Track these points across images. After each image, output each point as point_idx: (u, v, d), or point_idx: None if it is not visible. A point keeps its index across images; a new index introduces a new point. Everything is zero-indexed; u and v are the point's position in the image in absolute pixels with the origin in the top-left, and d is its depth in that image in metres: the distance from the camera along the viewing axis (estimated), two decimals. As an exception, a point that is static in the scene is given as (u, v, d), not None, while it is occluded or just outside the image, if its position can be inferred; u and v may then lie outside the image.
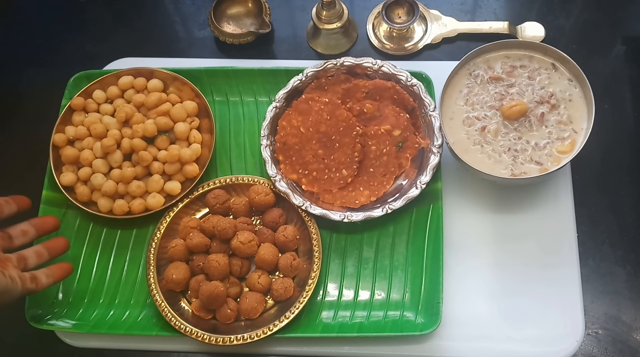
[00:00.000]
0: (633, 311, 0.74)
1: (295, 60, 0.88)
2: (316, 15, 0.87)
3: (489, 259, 0.76)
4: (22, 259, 0.68)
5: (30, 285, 0.65)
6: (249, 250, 0.73)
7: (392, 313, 0.73)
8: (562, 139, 0.72)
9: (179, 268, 0.73)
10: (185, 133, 0.79)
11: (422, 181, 0.74)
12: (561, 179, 0.79)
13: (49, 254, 0.71)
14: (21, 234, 0.70)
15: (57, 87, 0.85)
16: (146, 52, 0.91)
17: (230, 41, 0.89)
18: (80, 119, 0.81)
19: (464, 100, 0.75)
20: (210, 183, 0.79)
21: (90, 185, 0.78)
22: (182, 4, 0.96)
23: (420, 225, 0.77)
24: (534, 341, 0.72)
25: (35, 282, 0.66)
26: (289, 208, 0.77)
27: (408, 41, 0.89)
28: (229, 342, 0.70)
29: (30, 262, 0.69)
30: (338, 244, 0.77)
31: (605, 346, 0.73)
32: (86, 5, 0.97)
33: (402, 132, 0.77)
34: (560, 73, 0.74)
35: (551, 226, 0.76)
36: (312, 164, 0.77)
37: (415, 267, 0.75)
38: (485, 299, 0.74)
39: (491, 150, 0.72)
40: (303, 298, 0.72)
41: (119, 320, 0.74)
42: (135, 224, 0.79)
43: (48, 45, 0.95)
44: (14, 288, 0.62)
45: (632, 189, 0.80)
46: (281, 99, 0.79)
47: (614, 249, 0.77)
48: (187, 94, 0.82)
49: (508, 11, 0.92)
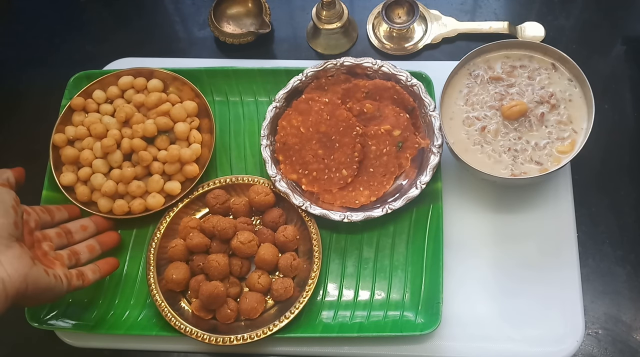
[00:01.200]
0: (633, 311, 0.74)
1: (295, 60, 0.88)
2: (316, 15, 0.87)
3: (489, 259, 0.76)
4: (74, 254, 0.69)
5: (76, 282, 0.66)
6: (249, 250, 0.73)
7: (392, 313, 0.73)
8: (562, 139, 0.72)
9: (179, 268, 0.73)
10: (185, 133, 0.79)
11: (422, 180, 0.74)
12: (561, 179, 0.79)
13: (101, 248, 0.73)
14: (81, 229, 0.73)
15: (57, 87, 0.85)
16: (146, 52, 0.91)
17: (230, 41, 0.89)
18: (80, 119, 0.81)
19: (464, 100, 0.75)
20: (210, 183, 0.79)
21: (90, 185, 0.78)
22: (182, 4, 0.96)
23: (420, 225, 0.77)
24: (533, 341, 0.72)
25: (82, 279, 0.67)
26: (289, 208, 0.77)
27: (408, 41, 0.89)
28: (229, 342, 0.70)
29: (82, 257, 0.70)
30: (338, 244, 0.77)
31: (605, 346, 0.73)
32: (86, 5, 0.97)
33: (402, 132, 0.77)
34: (560, 73, 0.74)
35: (551, 226, 0.76)
36: (312, 164, 0.77)
37: (415, 267, 0.75)
38: (485, 299, 0.74)
39: (491, 150, 0.72)
40: (303, 298, 0.72)
41: (119, 320, 0.74)
42: (135, 224, 0.79)
43: (48, 46, 0.95)
44: (58, 287, 0.63)
45: (632, 189, 0.80)
46: (281, 99, 0.79)
47: (614, 249, 0.77)
48: (187, 94, 0.82)
49: (508, 11, 0.92)
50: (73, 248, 0.70)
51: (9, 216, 0.59)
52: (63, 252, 0.68)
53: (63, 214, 0.73)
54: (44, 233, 0.68)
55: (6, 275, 0.56)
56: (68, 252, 0.69)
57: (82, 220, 0.74)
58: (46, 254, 0.66)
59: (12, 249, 0.58)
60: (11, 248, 0.58)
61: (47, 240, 0.68)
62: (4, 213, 0.59)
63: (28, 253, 0.60)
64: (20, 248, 0.59)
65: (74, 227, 0.72)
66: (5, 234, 0.58)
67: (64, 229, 0.71)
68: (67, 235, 0.71)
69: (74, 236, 0.71)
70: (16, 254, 0.58)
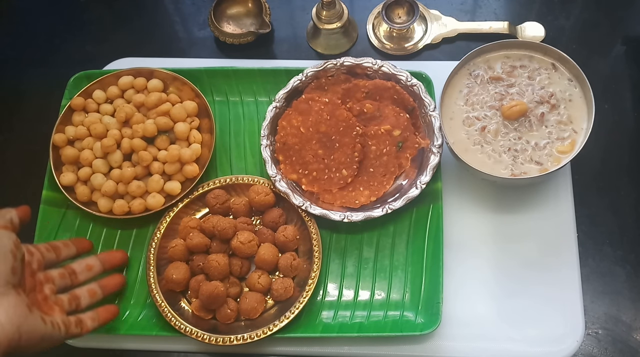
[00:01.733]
0: (633, 311, 0.74)
1: (295, 60, 0.88)
2: (316, 15, 0.87)
3: (489, 259, 0.76)
4: (75, 299, 0.67)
5: (74, 330, 0.64)
6: (249, 250, 0.73)
7: (392, 313, 0.73)
8: (562, 139, 0.72)
9: (179, 268, 0.73)
10: (185, 133, 0.79)
11: (422, 180, 0.74)
12: (561, 179, 0.79)
13: (102, 293, 0.70)
14: (86, 269, 0.70)
15: (57, 87, 0.85)
16: (146, 52, 0.91)
17: (230, 41, 0.89)
18: (80, 119, 0.81)
19: (464, 100, 0.75)
20: (210, 183, 0.79)
21: (90, 185, 0.78)
22: (182, 4, 0.96)
23: (420, 225, 0.77)
24: (533, 341, 0.72)
25: (80, 326, 0.65)
26: (289, 208, 0.77)
27: (408, 41, 0.89)
28: (229, 342, 0.70)
29: (82, 302, 0.67)
30: (338, 244, 0.77)
31: (605, 346, 0.73)
32: (86, 5, 0.97)
33: (402, 132, 0.77)
34: (560, 73, 0.74)
35: (551, 226, 0.76)
36: (312, 164, 0.77)
37: (415, 267, 0.75)
38: (485, 299, 0.74)
39: (491, 150, 0.72)
40: (303, 298, 0.72)
41: (119, 320, 0.74)
42: (135, 224, 0.79)
43: (48, 46, 0.95)
44: (55, 335, 0.60)
45: (632, 189, 0.80)
46: (281, 99, 0.79)
47: (614, 249, 0.77)
48: (187, 94, 0.82)
49: (508, 11, 0.92)
50: (73, 292, 0.67)
51: (6, 261, 0.57)
52: (64, 297, 0.66)
53: (70, 250, 0.70)
54: (47, 275, 0.65)
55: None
56: (69, 297, 0.66)
57: (89, 259, 0.71)
58: (47, 299, 0.63)
59: (7, 297, 0.56)
60: (6, 296, 0.56)
61: (49, 282, 0.65)
62: (1, 259, 0.57)
63: (25, 301, 0.58)
64: (16, 296, 0.57)
65: (79, 267, 0.69)
66: (1, 282, 0.56)
67: (68, 269, 0.68)
68: (71, 275, 0.68)
69: (78, 276, 0.69)
70: (11, 303, 0.56)
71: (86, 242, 0.74)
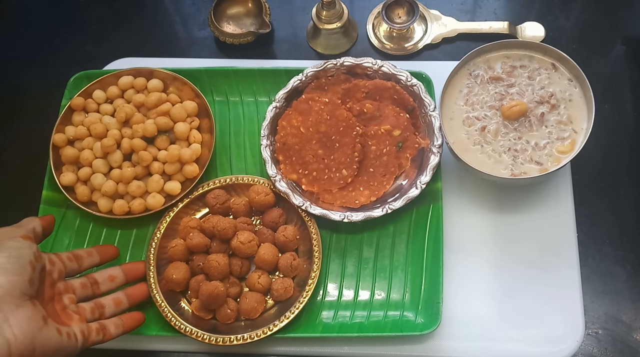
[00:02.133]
0: (633, 311, 0.74)
1: (295, 60, 0.89)
2: (316, 15, 0.87)
3: (489, 259, 0.76)
4: (99, 307, 0.66)
5: (95, 337, 0.63)
6: (249, 250, 0.73)
7: (392, 313, 0.73)
8: (562, 139, 0.72)
9: (179, 268, 0.73)
10: (185, 133, 0.79)
11: (422, 180, 0.74)
12: (561, 179, 0.79)
13: (128, 302, 0.70)
14: (109, 280, 0.69)
15: (57, 87, 0.85)
16: (146, 52, 0.91)
17: (230, 41, 0.89)
18: (80, 119, 0.81)
19: (464, 100, 0.75)
20: (210, 183, 0.79)
21: (90, 185, 0.78)
22: (182, 4, 0.96)
23: (420, 225, 0.77)
24: (533, 341, 0.72)
25: (102, 333, 0.64)
26: (289, 208, 0.77)
27: (408, 41, 0.89)
28: (229, 342, 0.70)
29: (107, 311, 0.67)
30: (338, 244, 0.77)
31: (605, 346, 0.73)
32: (86, 5, 0.97)
33: (402, 132, 0.77)
34: (560, 73, 0.74)
35: (551, 226, 0.76)
36: (312, 164, 0.77)
37: (415, 267, 0.75)
38: (485, 299, 0.74)
39: (491, 150, 0.72)
40: (303, 298, 0.72)
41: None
42: (135, 224, 0.79)
43: (48, 46, 0.95)
44: (70, 346, 0.59)
45: (632, 189, 0.80)
46: (281, 99, 0.79)
47: (614, 249, 0.77)
48: (187, 94, 0.82)
49: (508, 11, 0.92)
50: (98, 301, 0.67)
51: (24, 273, 0.57)
52: (86, 305, 0.65)
53: (93, 259, 0.69)
54: (67, 284, 0.65)
55: (12, 337, 0.54)
56: (92, 305, 0.65)
57: (111, 269, 0.70)
58: (65, 308, 0.63)
59: (22, 308, 0.56)
60: (22, 308, 0.56)
61: (69, 292, 0.64)
62: (19, 270, 0.56)
63: (40, 312, 0.57)
64: (32, 308, 0.56)
65: (101, 277, 0.69)
66: (17, 293, 0.55)
67: (90, 279, 0.68)
68: (92, 285, 0.67)
69: (100, 287, 0.68)
70: (27, 315, 0.56)
71: (113, 248, 0.73)
